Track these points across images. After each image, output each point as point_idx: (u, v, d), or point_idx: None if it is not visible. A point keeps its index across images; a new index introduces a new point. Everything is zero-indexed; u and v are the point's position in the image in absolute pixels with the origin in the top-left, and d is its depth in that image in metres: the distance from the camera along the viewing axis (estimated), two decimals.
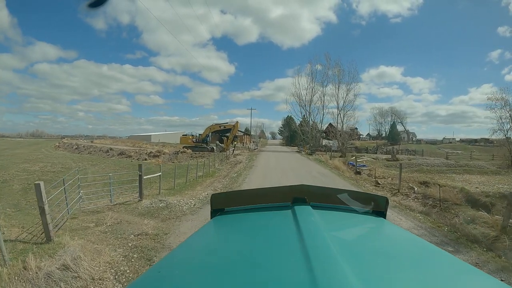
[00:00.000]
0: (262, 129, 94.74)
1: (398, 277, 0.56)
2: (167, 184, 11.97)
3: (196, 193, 10.17)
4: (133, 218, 6.70)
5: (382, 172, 20.01)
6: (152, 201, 8.34)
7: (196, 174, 14.70)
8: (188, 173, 13.99)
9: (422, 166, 26.98)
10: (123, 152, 30.56)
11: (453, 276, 0.61)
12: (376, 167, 23.02)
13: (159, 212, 7.19)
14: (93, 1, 1.27)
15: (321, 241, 0.62)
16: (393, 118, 77.37)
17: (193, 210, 7.28)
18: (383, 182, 14.94)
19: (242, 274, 0.57)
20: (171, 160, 25.83)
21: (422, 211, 8.38)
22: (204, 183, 13.16)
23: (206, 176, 15.38)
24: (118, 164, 24.85)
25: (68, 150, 41.25)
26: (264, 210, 1.01)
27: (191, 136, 29.36)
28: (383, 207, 1.06)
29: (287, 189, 1.01)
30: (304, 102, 34.71)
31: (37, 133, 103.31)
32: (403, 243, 0.83)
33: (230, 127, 27.62)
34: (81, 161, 27.93)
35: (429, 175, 20.98)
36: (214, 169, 18.02)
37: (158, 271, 0.67)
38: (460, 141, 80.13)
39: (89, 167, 23.31)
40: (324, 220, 0.82)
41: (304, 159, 21.63)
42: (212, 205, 1.10)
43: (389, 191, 12.73)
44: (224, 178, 13.36)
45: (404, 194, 11.74)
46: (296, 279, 0.50)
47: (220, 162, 21.13)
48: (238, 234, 0.89)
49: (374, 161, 28.23)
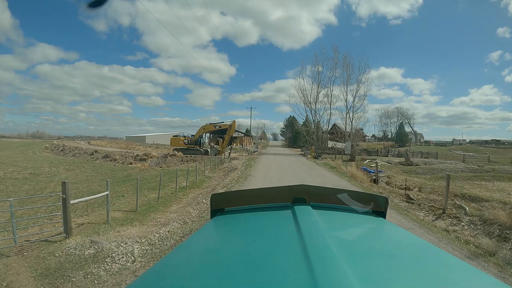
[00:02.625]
0: (263, 130, 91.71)
1: (398, 277, 0.56)
2: (136, 201, 8.75)
3: (161, 220, 7.07)
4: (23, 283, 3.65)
5: (403, 180, 16.84)
6: (82, 241, 5.21)
7: (176, 186, 11.57)
8: (173, 181, 10.91)
9: (445, 172, 23.69)
10: (108, 155, 27.58)
11: (453, 276, 0.61)
12: (393, 173, 19.87)
13: (73, 271, 4.08)
14: (93, 1, 1.27)
15: (321, 241, 0.62)
16: (399, 119, 74.10)
17: (124, 275, 4.13)
18: (416, 195, 11.59)
19: (242, 274, 0.56)
20: (159, 165, 22.76)
21: (492, 249, 5.25)
22: (183, 199, 10.05)
23: (191, 188, 12.27)
24: (97, 169, 21.82)
25: (54, 152, 38.62)
26: (264, 210, 1.00)
27: (183, 137, 26.09)
28: (383, 207, 1.05)
29: (287, 189, 1.01)
30: (309, 99, 31.33)
31: (37, 134, 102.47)
32: (403, 243, 0.83)
33: (226, 127, 24.41)
34: (59, 165, 24.97)
35: (456, 183, 17.78)
36: (204, 177, 14.91)
37: (158, 271, 0.66)
38: (470, 142, 77.39)
39: (62, 172, 20.29)
40: (324, 220, 0.82)
41: (311, 165, 18.44)
42: (212, 205, 1.09)
43: (429, 210, 9.50)
44: (209, 193, 10.24)
45: (452, 216, 8.48)
46: (296, 279, 0.50)
47: (213, 167, 18.03)
48: (238, 234, 0.89)
49: (388, 165, 24.96)
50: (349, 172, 13.80)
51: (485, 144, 71.36)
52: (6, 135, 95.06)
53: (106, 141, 57.13)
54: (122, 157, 26.14)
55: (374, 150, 40.50)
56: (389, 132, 77.94)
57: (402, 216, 8.03)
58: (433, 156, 39.65)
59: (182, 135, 26.29)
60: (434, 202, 10.01)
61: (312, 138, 31.20)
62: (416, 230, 6.39)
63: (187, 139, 25.51)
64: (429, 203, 10.07)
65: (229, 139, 24.74)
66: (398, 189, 13.84)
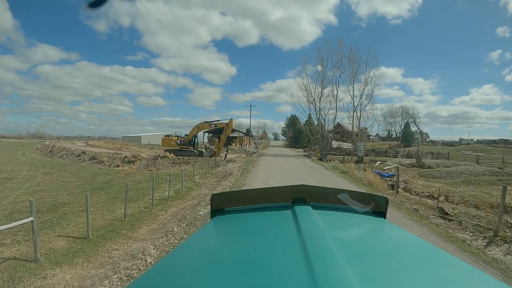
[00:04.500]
0: (264, 130, 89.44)
1: (398, 277, 0.56)
2: (87, 223, 6.46)
3: (116, 255, 4.89)
4: None
5: (424, 186, 14.63)
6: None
7: (153, 198, 9.39)
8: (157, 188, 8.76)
9: (465, 175, 21.35)
10: (95, 156, 25.48)
11: (453, 276, 0.61)
12: (409, 177, 17.58)
13: None
14: (93, 1, 1.23)
15: (321, 241, 0.62)
16: (403, 118, 71.66)
17: None
18: (452, 208, 9.30)
19: (242, 274, 0.56)
20: (148, 167, 20.61)
21: None
22: (158, 217, 7.87)
23: (175, 198, 10.11)
24: (79, 173, 19.67)
25: (43, 153, 36.68)
26: (264, 210, 1.00)
27: (176, 137, 23.59)
28: (383, 207, 1.04)
29: (287, 189, 1.01)
30: (313, 96, 28.86)
31: (38, 134, 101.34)
32: (403, 243, 0.83)
33: (223, 126, 22.07)
34: (40, 168, 22.86)
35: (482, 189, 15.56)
36: (193, 184, 12.73)
37: (159, 271, 0.66)
38: (477, 142, 75.63)
39: (39, 177, 18.14)
40: (324, 220, 0.82)
41: (318, 169, 16.08)
42: (212, 205, 1.08)
43: (474, 231, 7.30)
44: (195, 208, 8.07)
45: (509, 241, 6.31)
46: (297, 279, 0.49)
47: (206, 171, 15.85)
48: (238, 234, 0.88)
49: (401, 168, 22.64)
50: (365, 178, 11.56)
51: (493, 143, 69.61)
52: (7, 135, 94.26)
53: (102, 141, 56.20)
54: (110, 159, 24.01)
55: (382, 150, 38.21)
56: (393, 132, 75.56)
57: (442, 239, 5.95)
58: (444, 156, 37.43)
59: (175, 135, 23.86)
60: (478, 219, 7.79)
61: (317, 137, 28.78)
62: (467, 260, 4.34)
63: (180, 139, 23.14)
64: (471, 220, 7.84)
65: (225, 139, 22.43)
66: (424, 199, 11.64)
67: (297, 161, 22.46)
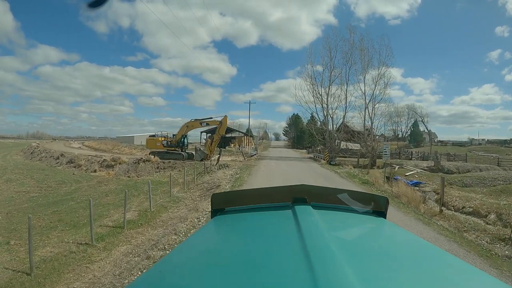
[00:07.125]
0: (265, 130, 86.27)
1: (399, 277, 0.56)
2: None
3: None
4: None
5: (462, 199, 11.59)
6: None
7: (91, 228, 6.40)
8: (124, 203, 5.80)
9: (498, 182, 18.11)
10: (73, 160, 22.55)
11: (453, 276, 0.61)
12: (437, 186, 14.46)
13: None
14: (93, 1, 1.24)
15: (321, 241, 0.62)
16: (409, 117, 68.33)
17: None
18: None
19: (243, 274, 0.56)
20: (128, 173, 17.63)
21: None
22: (89, 267, 4.87)
23: (136, 224, 7.13)
24: (44, 180, 16.72)
25: (25, 155, 33.96)
26: (264, 210, 0.99)
27: (162, 137, 20.27)
28: (384, 207, 1.04)
29: (287, 189, 1.00)
30: (320, 91, 25.60)
31: (37, 135, 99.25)
32: (404, 243, 0.83)
33: (216, 124, 18.95)
34: (7, 173, 19.99)
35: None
36: (170, 199, 9.73)
37: (159, 271, 0.66)
38: (488, 142, 72.88)
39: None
40: (325, 220, 0.81)
41: (333, 177, 12.65)
42: (212, 205, 1.07)
43: None
44: (152, 249, 5.06)
45: None
46: (297, 279, 0.49)
47: (191, 180, 12.84)
48: (239, 234, 0.88)
49: (423, 173, 19.47)
50: (403, 193, 8.46)
51: (505, 144, 66.75)
52: (7, 135, 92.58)
53: (97, 142, 53.80)
54: (88, 162, 21.06)
55: (392, 151, 35.06)
56: (399, 131, 72.22)
57: None
58: (461, 158, 34.26)
59: (161, 135, 20.69)
60: None
61: (323, 137, 25.68)
62: None
63: (167, 140, 20.00)
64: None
65: (219, 140, 19.32)
66: (474, 218, 8.60)
67: (303, 165, 19.35)
